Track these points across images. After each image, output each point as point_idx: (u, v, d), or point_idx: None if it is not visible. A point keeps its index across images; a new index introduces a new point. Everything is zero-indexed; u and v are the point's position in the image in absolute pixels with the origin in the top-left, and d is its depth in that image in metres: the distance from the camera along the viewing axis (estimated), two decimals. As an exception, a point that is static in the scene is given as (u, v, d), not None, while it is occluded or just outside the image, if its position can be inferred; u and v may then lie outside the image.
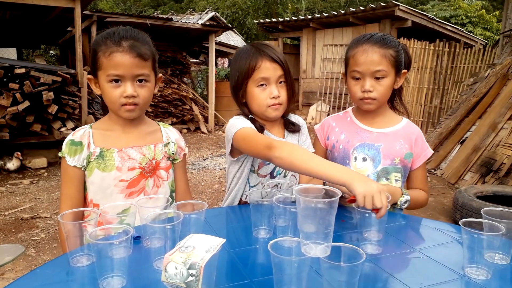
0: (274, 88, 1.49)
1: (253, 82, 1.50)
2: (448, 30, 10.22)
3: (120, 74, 1.32)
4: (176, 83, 9.40)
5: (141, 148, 1.44)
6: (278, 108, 1.53)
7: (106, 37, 1.34)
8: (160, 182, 1.48)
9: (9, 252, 1.87)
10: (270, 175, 1.59)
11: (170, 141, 1.52)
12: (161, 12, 18.45)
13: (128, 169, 1.40)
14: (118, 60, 1.31)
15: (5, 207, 4.25)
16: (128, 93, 1.32)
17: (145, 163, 1.43)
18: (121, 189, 1.40)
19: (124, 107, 1.35)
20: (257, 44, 1.55)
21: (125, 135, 1.44)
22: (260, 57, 1.48)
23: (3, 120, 5.22)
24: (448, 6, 15.83)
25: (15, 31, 8.49)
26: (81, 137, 1.39)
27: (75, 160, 1.37)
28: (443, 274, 1.02)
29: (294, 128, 1.63)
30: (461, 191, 3.93)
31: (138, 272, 1.00)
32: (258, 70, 1.48)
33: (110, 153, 1.39)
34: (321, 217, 1.01)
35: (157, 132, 1.53)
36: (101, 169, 1.38)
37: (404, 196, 1.46)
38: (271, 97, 1.49)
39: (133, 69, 1.32)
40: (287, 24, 11.87)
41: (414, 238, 1.34)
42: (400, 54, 1.53)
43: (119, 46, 1.31)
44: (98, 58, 1.34)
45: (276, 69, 1.49)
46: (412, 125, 1.65)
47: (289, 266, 0.84)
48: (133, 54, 1.32)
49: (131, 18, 8.11)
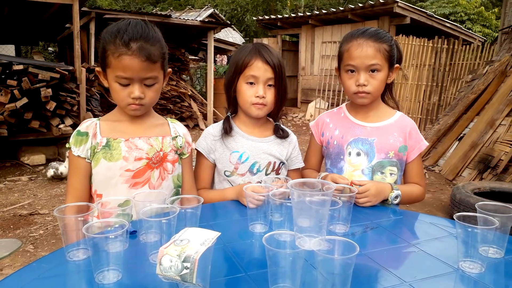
0: (261, 88, 1.54)
1: (244, 78, 1.56)
2: (447, 27, 10.20)
3: (128, 77, 1.32)
4: (174, 80, 9.40)
5: (148, 138, 1.45)
6: (261, 108, 1.57)
7: (115, 35, 1.30)
8: (165, 175, 1.49)
9: (6, 247, 1.87)
10: (249, 172, 1.61)
11: (178, 135, 1.54)
12: (160, 9, 18.40)
13: (135, 159, 1.41)
14: (126, 63, 1.29)
15: (3, 204, 4.25)
16: (135, 95, 1.33)
17: (153, 154, 1.44)
18: (126, 179, 1.40)
19: (130, 107, 1.37)
20: (257, 44, 1.59)
21: (133, 126, 1.45)
22: (255, 56, 1.53)
23: (1, 117, 5.20)
24: (447, 3, 15.80)
25: (14, 28, 8.47)
26: (87, 128, 1.41)
27: (80, 150, 1.39)
28: (437, 268, 1.02)
29: (282, 134, 1.68)
30: (459, 188, 3.94)
31: (134, 266, 1.01)
32: (249, 67, 1.53)
33: (116, 143, 1.40)
34: (315, 211, 1.01)
35: (165, 126, 1.54)
36: (107, 159, 1.39)
37: (394, 191, 1.47)
38: (256, 96, 1.54)
39: (142, 72, 1.32)
40: (286, 21, 11.85)
41: (409, 232, 1.34)
42: (393, 48, 1.55)
43: (128, 48, 1.28)
44: (107, 56, 1.32)
45: (267, 71, 1.53)
46: (405, 118, 1.66)
47: (283, 259, 0.85)
48: (142, 57, 1.30)
49: (129, 15, 8.08)
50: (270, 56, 1.53)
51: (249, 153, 1.61)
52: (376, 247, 1.14)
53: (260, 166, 1.62)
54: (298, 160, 1.72)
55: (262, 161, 1.62)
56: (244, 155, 1.61)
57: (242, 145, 1.62)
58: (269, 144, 1.65)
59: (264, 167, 1.62)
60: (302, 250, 0.87)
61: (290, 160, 1.70)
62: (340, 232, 1.21)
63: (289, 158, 1.69)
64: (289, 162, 1.70)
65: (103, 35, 1.36)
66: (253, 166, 1.61)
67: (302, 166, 1.73)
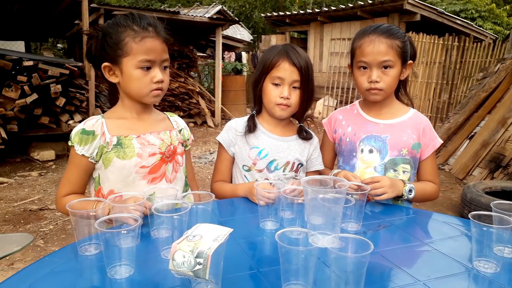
0: (286, 89, 1.54)
1: (270, 78, 1.56)
2: (457, 24, 10.08)
3: (152, 59, 1.33)
4: (183, 77, 9.40)
5: (159, 133, 1.45)
6: (284, 109, 1.57)
7: (131, 21, 1.32)
8: (177, 167, 1.50)
9: (17, 242, 1.89)
10: (267, 170, 1.61)
11: (182, 128, 1.57)
12: (168, 6, 18.41)
13: (149, 155, 1.40)
14: (150, 45, 1.32)
15: (14, 199, 4.29)
16: (159, 78, 1.35)
17: (165, 148, 1.44)
18: (143, 175, 1.40)
19: (152, 93, 1.37)
20: (286, 45, 1.60)
21: (141, 122, 1.44)
22: (282, 57, 1.54)
23: (12, 113, 5.25)
24: (458, 0, 15.63)
25: (23, 24, 8.53)
26: (93, 126, 1.37)
27: (85, 150, 1.35)
28: (451, 267, 1.01)
29: (305, 136, 1.67)
30: (470, 187, 3.90)
31: (146, 261, 1.01)
32: (276, 68, 1.54)
33: (128, 140, 1.38)
34: (328, 208, 1.00)
35: (166, 120, 1.56)
36: (121, 157, 1.37)
37: (407, 185, 1.45)
38: (280, 97, 1.54)
39: (162, 54, 1.36)
40: (294, 18, 11.79)
41: (423, 231, 1.33)
42: (406, 45, 1.53)
43: (147, 31, 1.32)
44: (125, 44, 1.30)
45: (293, 73, 1.53)
46: (419, 115, 1.64)
47: (296, 257, 0.84)
48: (161, 39, 1.35)
49: (138, 11, 8.02)
50: (298, 58, 1.53)
51: (268, 150, 1.61)
52: (389, 246, 1.13)
53: (278, 164, 1.61)
54: (318, 162, 1.70)
55: (280, 159, 1.61)
56: (264, 152, 1.61)
57: (262, 141, 1.62)
58: (289, 143, 1.64)
59: (282, 165, 1.62)
60: (315, 247, 0.86)
61: (310, 161, 1.69)
62: (352, 230, 1.20)
63: (309, 160, 1.68)
64: (308, 163, 1.68)
65: (109, 29, 1.34)
66: (271, 164, 1.61)
67: (322, 168, 1.71)
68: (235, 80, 10.45)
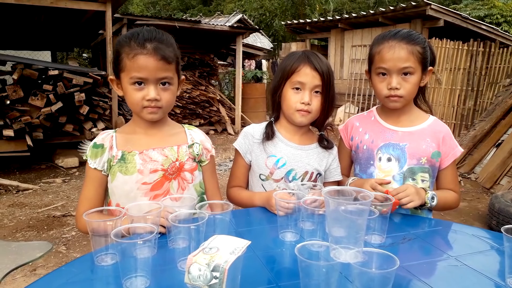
0: (307, 94, 1.50)
1: (290, 83, 1.52)
2: (482, 30, 9.83)
3: (143, 77, 1.30)
4: (203, 85, 9.48)
5: (163, 149, 1.41)
6: (305, 115, 1.52)
7: (130, 38, 1.32)
8: (185, 185, 1.45)
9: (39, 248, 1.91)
10: (285, 179, 1.57)
11: (195, 142, 1.49)
12: (190, 15, 18.69)
13: (150, 172, 1.37)
14: (142, 63, 1.29)
15: (38, 205, 4.37)
16: (151, 97, 1.31)
17: (168, 165, 1.40)
18: (145, 192, 1.38)
19: (146, 109, 1.34)
20: (307, 51, 1.57)
21: (147, 138, 1.42)
22: (303, 62, 1.50)
23: (38, 121, 5.39)
24: (482, 5, 15.28)
25: (50, 34, 8.77)
26: (103, 140, 1.39)
27: (96, 163, 1.36)
28: (482, 284, 0.95)
29: (326, 145, 1.63)
30: (497, 196, 3.76)
31: (162, 273, 0.99)
32: (297, 73, 1.50)
33: (131, 156, 1.37)
34: (352, 221, 0.96)
35: (181, 134, 1.50)
36: (123, 173, 1.37)
37: (429, 192, 1.40)
38: (301, 102, 1.50)
39: (157, 72, 1.31)
40: (314, 25, 11.75)
41: (450, 245, 1.26)
42: (426, 51, 1.48)
43: (143, 48, 1.29)
44: (121, 60, 1.32)
45: (315, 78, 1.49)
46: (439, 123, 1.58)
47: (317, 271, 0.80)
48: (157, 56, 1.30)
49: (160, 20, 8.21)
50: (319, 63, 1.49)
51: (286, 159, 1.57)
52: (415, 260, 1.08)
53: (297, 174, 1.57)
54: (337, 172, 1.65)
55: (299, 169, 1.57)
56: (281, 161, 1.57)
57: (280, 150, 1.58)
58: (308, 152, 1.60)
59: (300, 175, 1.57)
60: (337, 262, 0.82)
61: (329, 171, 1.64)
62: (376, 243, 1.15)
63: (328, 170, 1.63)
64: (327, 173, 1.63)
65: (117, 42, 1.36)
66: (289, 173, 1.57)
67: (340, 179, 1.66)
68: (255, 88, 10.47)
